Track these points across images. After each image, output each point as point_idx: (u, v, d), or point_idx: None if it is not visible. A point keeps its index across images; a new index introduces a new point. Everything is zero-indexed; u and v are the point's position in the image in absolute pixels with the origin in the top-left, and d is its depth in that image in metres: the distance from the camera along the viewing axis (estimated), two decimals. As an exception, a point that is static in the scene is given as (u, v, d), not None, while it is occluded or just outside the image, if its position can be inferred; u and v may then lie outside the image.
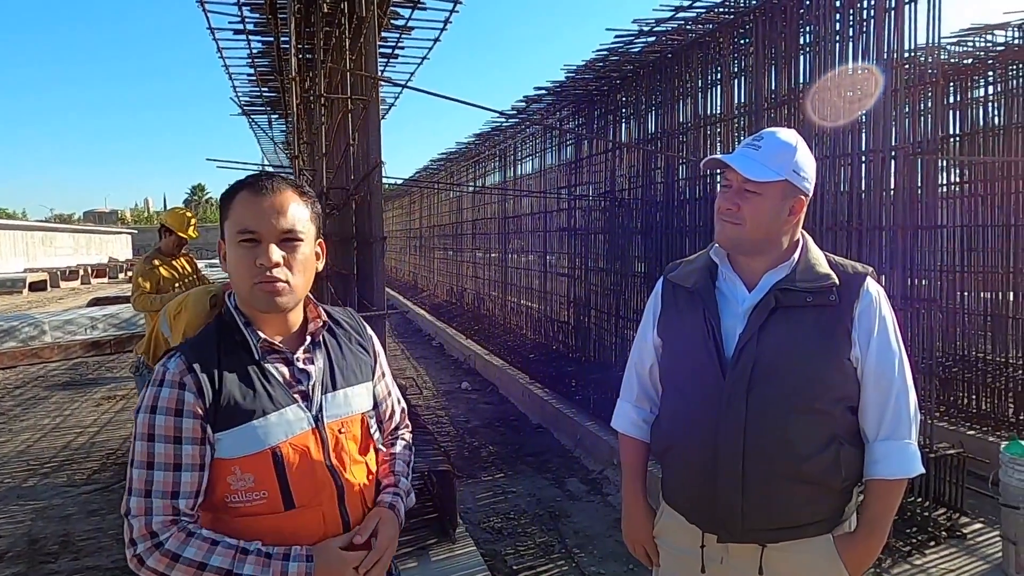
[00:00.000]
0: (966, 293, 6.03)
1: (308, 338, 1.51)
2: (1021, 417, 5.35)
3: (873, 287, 1.69)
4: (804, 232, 1.77)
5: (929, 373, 4.12)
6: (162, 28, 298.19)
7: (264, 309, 1.43)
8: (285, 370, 1.46)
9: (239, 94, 8.36)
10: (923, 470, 1.68)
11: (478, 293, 12.76)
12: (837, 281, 1.66)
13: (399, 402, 1.75)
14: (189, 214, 6.16)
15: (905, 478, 1.66)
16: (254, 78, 7.48)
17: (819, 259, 1.72)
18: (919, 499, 3.92)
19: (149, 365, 4.20)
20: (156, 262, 5.75)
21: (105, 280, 31.37)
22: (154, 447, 1.35)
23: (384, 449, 1.67)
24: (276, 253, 1.39)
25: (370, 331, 1.69)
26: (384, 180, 3.17)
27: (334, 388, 1.51)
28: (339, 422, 1.50)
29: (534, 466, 5.62)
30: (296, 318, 1.52)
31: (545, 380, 7.50)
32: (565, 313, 8.23)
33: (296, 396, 1.45)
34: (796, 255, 1.71)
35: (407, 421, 1.79)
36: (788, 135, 1.70)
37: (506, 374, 8.12)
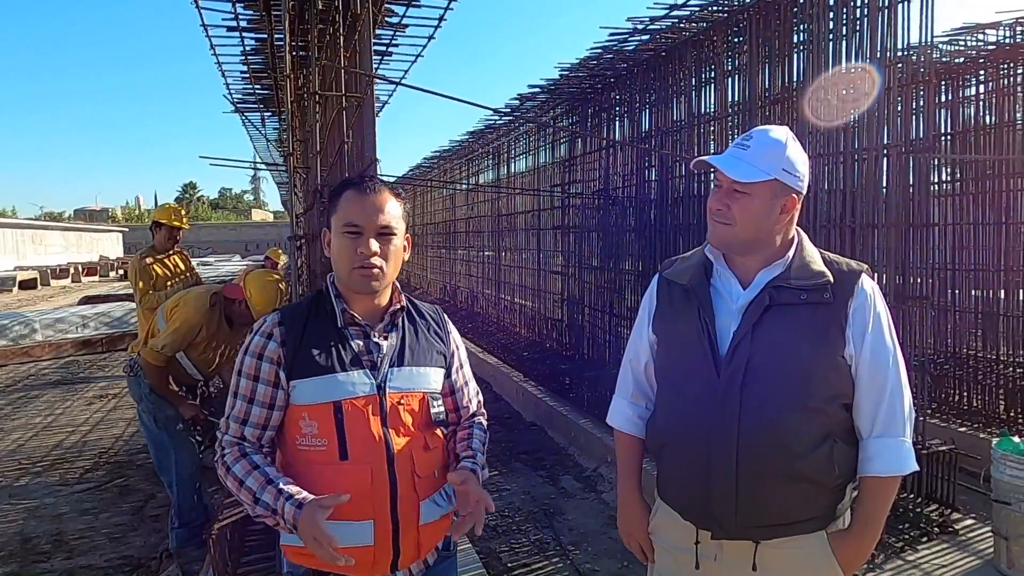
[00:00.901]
0: (957, 291, 6.06)
1: (387, 318, 1.75)
2: (1012, 414, 5.39)
3: (868, 284, 1.70)
4: (799, 229, 1.77)
5: (921, 370, 4.14)
6: (153, 18, 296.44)
7: (359, 290, 1.69)
8: (361, 341, 1.70)
9: (232, 91, 8.32)
10: (917, 467, 1.69)
11: (471, 291, 12.74)
12: (832, 279, 1.67)
13: (477, 394, 1.96)
14: (181, 209, 6.14)
15: (899, 475, 1.67)
16: (247, 75, 7.44)
17: (814, 257, 1.72)
18: (911, 495, 3.94)
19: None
20: (149, 260, 5.72)
21: (96, 278, 31.19)
22: (239, 380, 1.67)
23: (458, 428, 1.86)
24: (374, 244, 1.65)
25: (451, 327, 1.91)
26: (378, 177, 3.16)
27: (401, 364, 1.72)
28: (400, 394, 1.70)
29: (528, 464, 5.63)
30: (382, 300, 1.76)
31: (539, 378, 7.51)
32: (559, 311, 8.23)
33: (365, 363, 1.68)
34: (791, 253, 1.72)
35: (483, 411, 1.97)
36: (778, 132, 1.70)
37: (500, 372, 8.12)
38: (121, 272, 31.01)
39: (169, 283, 5.69)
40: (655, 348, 1.86)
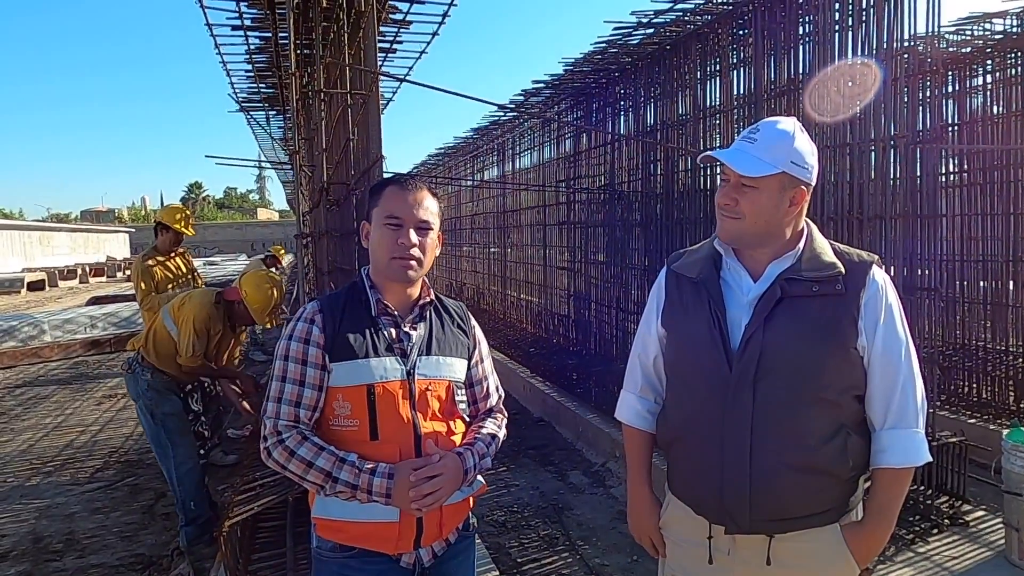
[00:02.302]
0: (966, 282, 6.03)
1: (417, 309, 1.87)
2: (1022, 405, 5.36)
3: (879, 275, 1.69)
4: (808, 221, 1.76)
5: (930, 362, 4.13)
6: (158, 18, 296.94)
7: (396, 279, 1.81)
8: (393, 330, 1.81)
9: (237, 90, 8.34)
10: (930, 458, 1.68)
11: (478, 288, 12.75)
12: (843, 270, 1.66)
13: (497, 388, 2.04)
14: (186, 211, 6.14)
15: (912, 466, 1.66)
16: (252, 74, 7.45)
17: (824, 248, 1.71)
18: (922, 487, 3.93)
19: (146, 360, 4.19)
20: (151, 262, 5.73)
21: (103, 279, 31.31)
22: (287, 365, 1.75)
23: (474, 422, 1.94)
24: (414, 236, 1.77)
25: (474, 322, 2.03)
26: (384, 175, 3.16)
27: (428, 353, 1.83)
28: (427, 381, 1.81)
29: (536, 459, 5.64)
30: (414, 292, 1.88)
31: (546, 373, 7.51)
32: (565, 306, 8.23)
33: (397, 351, 1.79)
34: (801, 244, 1.70)
35: (502, 407, 2.04)
36: (786, 124, 1.68)
37: (507, 368, 8.13)
38: (128, 273, 31.09)
39: (171, 285, 5.70)
40: (664, 342, 1.85)
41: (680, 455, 1.80)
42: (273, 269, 9.19)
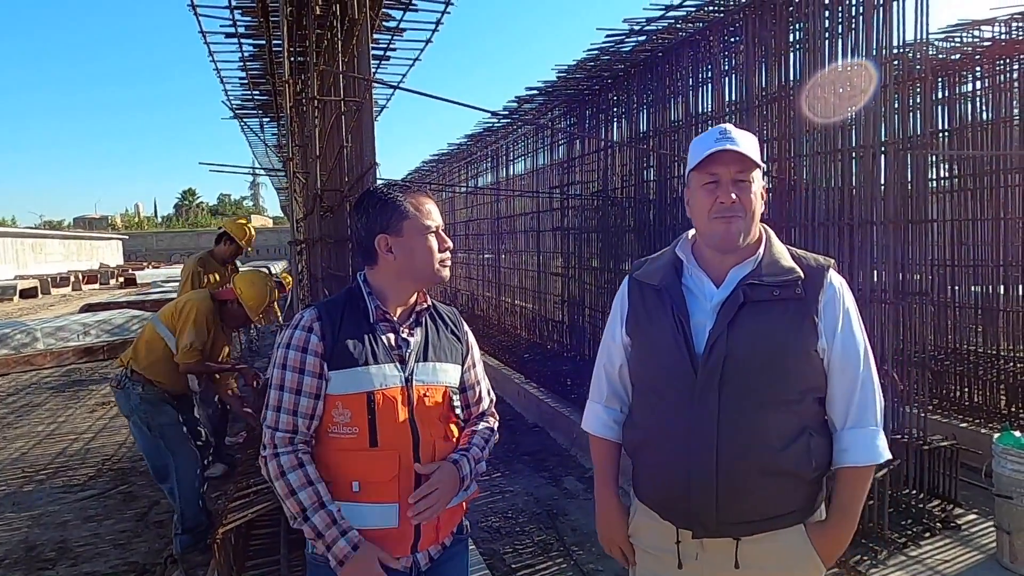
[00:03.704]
0: (957, 287, 6.07)
1: (413, 316, 1.89)
2: (1013, 409, 5.39)
3: (836, 279, 1.72)
4: (766, 227, 1.79)
5: (922, 366, 4.15)
6: (152, 28, 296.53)
7: (439, 282, 1.91)
8: (391, 336, 1.83)
9: (230, 97, 8.34)
10: (890, 456, 1.71)
11: (472, 294, 12.76)
12: (802, 274, 1.69)
13: (488, 393, 2.07)
14: (252, 231, 6.17)
15: (873, 464, 1.69)
16: (246, 81, 7.46)
17: (783, 253, 1.74)
18: (914, 491, 3.95)
19: (136, 374, 4.13)
20: (202, 268, 5.79)
21: (96, 286, 31.19)
22: (285, 374, 1.76)
23: (468, 426, 1.97)
24: (448, 240, 1.88)
25: (466, 328, 2.04)
26: (377, 182, 3.17)
27: (425, 359, 1.86)
28: (425, 387, 1.83)
29: (531, 465, 5.64)
30: (411, 298, 1.90)
31: (540, 379, 7.52)
32: (559, 312, 8.24)
33: (395, 357, 1.80)
34: (761, 250, 1.73)
35: (494, 411, 2.07)
36: (743, 130, 1.74)
37: (501, 374, 8.13)
38: (121, 280, 30.99)
39: None
40: (629, 350, 1.86)
41: (647, 461, 1.81)
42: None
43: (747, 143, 1.69)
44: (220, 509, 3.90)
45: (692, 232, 1.83)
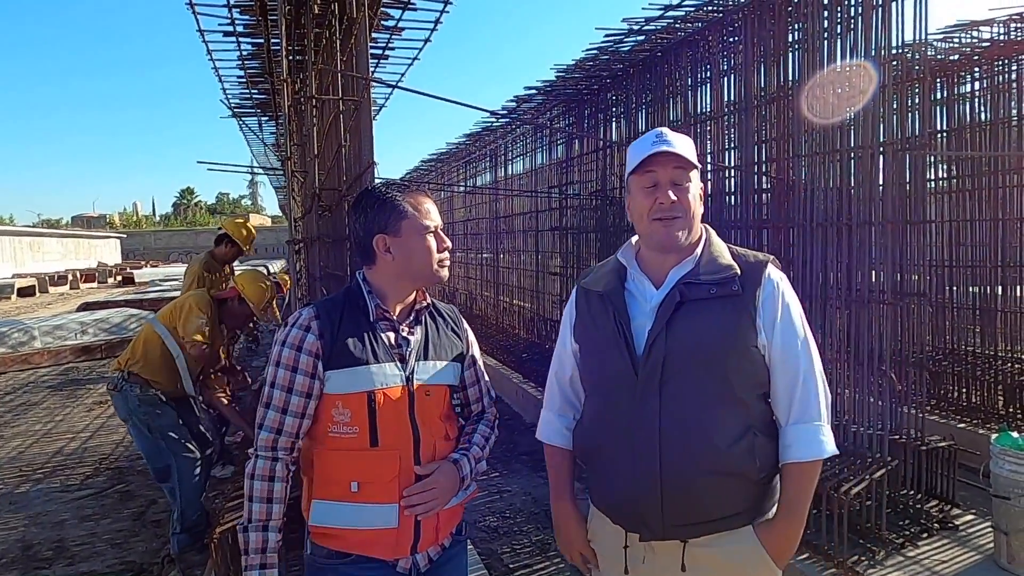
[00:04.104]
0: (955, 287, 6.07)
1: (413, 314, 1.88)
2: (1011, 409, 5.40)
3: (776, 274, 1.72)
4: (706, 226, 1.80)
5: (920, 367, 4.15)
6: (151, 24, 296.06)
7: (439, 282, 1.91)
8: (391, 335, 1.81)
9: (229, 96, 8.33)
10: (836, 451, 1.70)
11: (470, 293, 12.75)
12: (739, 271, 1.69)
13: (488, 391, 2.05)
14: (253, 231, 6.13)
15: (818, 460, 1.68)
16: (244, 80, 7.45)
17: (722, 251, 1.75)
18: (912, 491, 3.95)
19: (133, 376, 4.12)
20: (207, 272, 5.81)
21: (94, 285, 31.14)
22: (278, 371, 1.74)
23: (467, 425, 1.97)
24: (446, 239, 1.87)
25: (466, 326, 2.04)
26: (376, 181, 3.17)
27: (426, 358, 1.84)
28: (425, 386, 1.82)
29: (529, 464, 5.63)
30: (411, 297, 1.89)
31: (538, 379, 7.50)
32: (558, 312, 8.23)
33: (395, 356, 1.79)
34: (699, 249, 1.74)
35: (494, 408, 2.06)
36: (679, 133, 1.76)
37: (499, 373, 8.12)
38: (119, 278, 30.95)
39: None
40: (578, 357, 1.88)
41: (596, 465, 1.81)
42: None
43: (683, 145, 1.71)
44: (218, 508, 3.89)
45: (636, 238, 1.85)
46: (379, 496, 1.73)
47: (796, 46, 4.28)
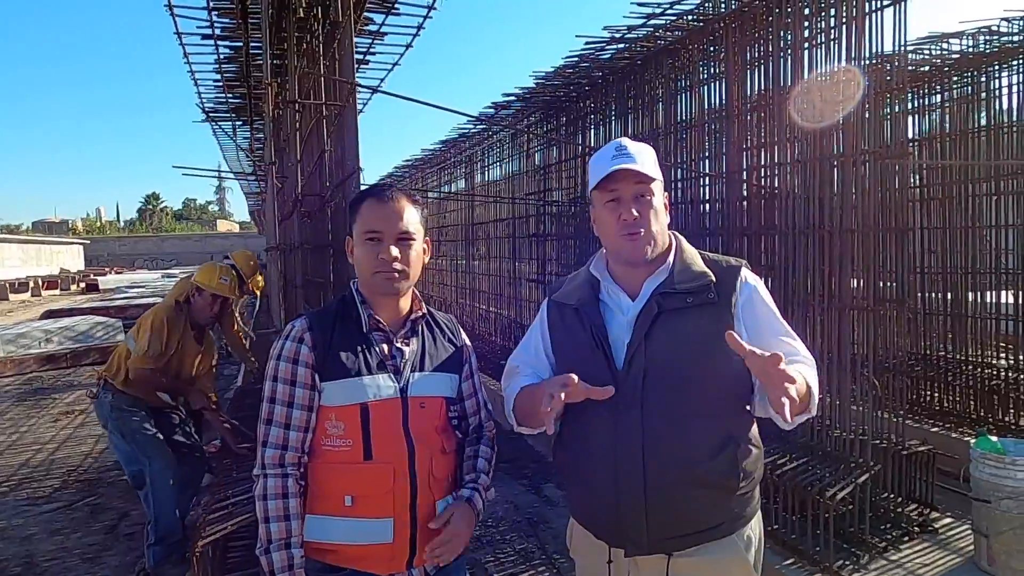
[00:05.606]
0: (927, 293, 6.18)
1: (408, 324, 1.83)
2: (983, 413, 5.50)
3: (751, 278, 1.72)
4: (675, 233, 1.79)
5: (899, 372, 4.21)
6: (113, 32, 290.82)
7: (383, 292, 1.77)
8: (385, 346, 1.77)
9: (204, 100, 8.20)
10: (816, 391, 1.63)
11: (444, 300, 12.69)
12: (714, 278, 1.68)
13: (485, 404, 1.99)
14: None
15: (812, 374, 1.62)
16: (220, 84, 7.34)
17: (694, 258, 1.74)
18: (892, 496, 4.00)
19: (108, 383, 4.09)
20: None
21: (57, 292, 30.39)
22: (276, 386, 1.71)
23: (466, 443, 1.92)
24: (394, 250, 1.72)
25: (464, 336, 1.97)
26: (361, 186, 3.13)
27: (422, 369, 1.79)
28: (421, 398, 1.76)
29: (510, 472, 5.60)
30: (405, 306, 1.84)
31: (517, 386, 7.48)
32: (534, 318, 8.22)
33: (389, 368, 1.75)
34: (671, 258, 1.73)
35: (491, 423, 2.00)
36: (638, 143, 1.73)
37: (477, 381, 8.08)
38: (83, 285, 30.25)
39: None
40: (553, 370, 1.81)
41: (578, 480, 1.79)
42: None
43: (644, 158, 1.68)
44: (198, 520, 3.80)
45: (604, 250, 1.82)
46: (374, 510, 1.70)
47: (777, 55, 4.33)
